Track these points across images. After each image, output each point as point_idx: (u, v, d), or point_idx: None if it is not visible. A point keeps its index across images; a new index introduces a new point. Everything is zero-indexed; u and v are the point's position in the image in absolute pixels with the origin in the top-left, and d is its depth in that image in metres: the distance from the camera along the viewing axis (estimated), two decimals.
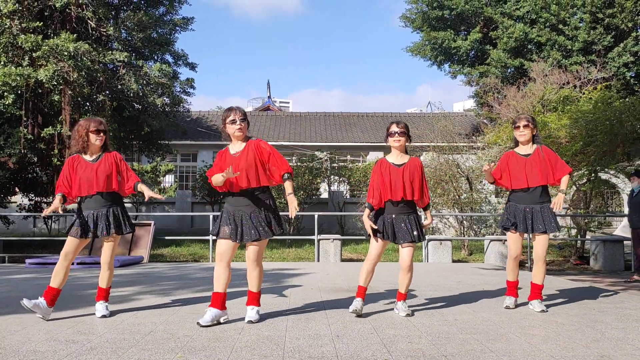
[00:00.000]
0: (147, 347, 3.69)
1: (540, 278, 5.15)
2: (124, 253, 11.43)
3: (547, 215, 5.03)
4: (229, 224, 4.40)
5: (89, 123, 4.75)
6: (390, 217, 4.78)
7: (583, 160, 11.66)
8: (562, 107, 14.98)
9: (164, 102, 14.20)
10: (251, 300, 4.51)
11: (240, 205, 4.43)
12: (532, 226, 5.04)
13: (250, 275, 4.47)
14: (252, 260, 4.43)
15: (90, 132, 4.72)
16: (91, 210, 4.71)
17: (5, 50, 12.02)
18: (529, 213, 5.07)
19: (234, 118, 4.44)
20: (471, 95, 24.88)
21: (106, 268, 4.78)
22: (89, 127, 4.72)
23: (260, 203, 4.45)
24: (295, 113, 27.39)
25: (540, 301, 5.17)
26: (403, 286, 4.86)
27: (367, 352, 3.59)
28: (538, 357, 3.47)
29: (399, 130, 4.82)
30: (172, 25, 15.16)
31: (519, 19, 21.60)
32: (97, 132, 4.73)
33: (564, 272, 11.05)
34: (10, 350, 3.62)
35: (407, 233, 4.72)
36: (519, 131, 5.21)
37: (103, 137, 4.78)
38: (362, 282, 4.84)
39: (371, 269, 4.82)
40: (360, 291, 4.85)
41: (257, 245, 4.42)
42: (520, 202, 5.15)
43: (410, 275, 4.80)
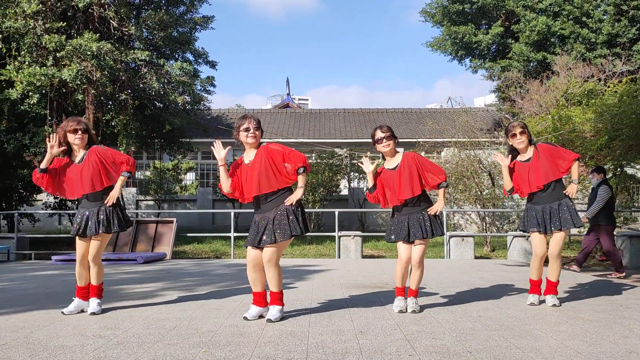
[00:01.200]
0: (172, 342, 3.73)
1: (555, 275, 5.19)
2: (147, 250, 11.56)
3: (564, 212, 5.04)
4: (252, 231, 4.45)
5: (67, 123, 4.70)
6: (406, 218, 4.78)
7: (608, 155, 11.47)
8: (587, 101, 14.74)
9: (184, 100, 14.30)
10: (273, 300, 4.51)
11: (264, 212, 4.44)
12: (551, 224, 5.05)
13: (267, 276, 4.47)
14: (267, 261, 4.39)
15: (68, 132, 4.66)
16: (85, 210, 4.74)
17: (30, 50, 12.21)
18: (547, 212, 5.08)
19: (248, 126, 4.42)
20: (492, 90, 24.64)
21: (93, 265, 4.79)
22: (67, 127, 4.66)
23: (282, 205, 4.41)
24: (315, 110, 27.39)
25: (554, 296, 5.19)
26: (414, 283, 4.85)
27: (390, 347, 3.58)
28: (565, 353, 3.43)
29: (385, 134, 4.78)
30: (192, 24, 15.24)
31: (541, 12, 21.29)
32: (75, 132, 4.65)
33: (589, 268, 10.88)
34: (38, 345, 3.68)
35: (419, 230, 4.71)
36: (516, 139, 5.20)
37: (82, 137, 4.69)
38: (399, 284, 4.86)
39: (405, 271, 4.83)
40: (399, 291, 4.88)
41: (273, 247, 4.36)
42: (537, 203, 5.17)
43: (421, 271, 4.80)
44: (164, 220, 12.14)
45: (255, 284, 4.50)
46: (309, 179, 15.60)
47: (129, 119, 13.31)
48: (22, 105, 12.30)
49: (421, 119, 24.38)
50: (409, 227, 4.75)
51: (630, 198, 15.57)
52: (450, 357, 3.36)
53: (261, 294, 4.51)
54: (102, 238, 4.77)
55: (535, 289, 5.26)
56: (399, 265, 4.81)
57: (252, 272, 4.47)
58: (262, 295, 4.51)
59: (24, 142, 12.73)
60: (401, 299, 4.85)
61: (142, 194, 21.14)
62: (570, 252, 13.28)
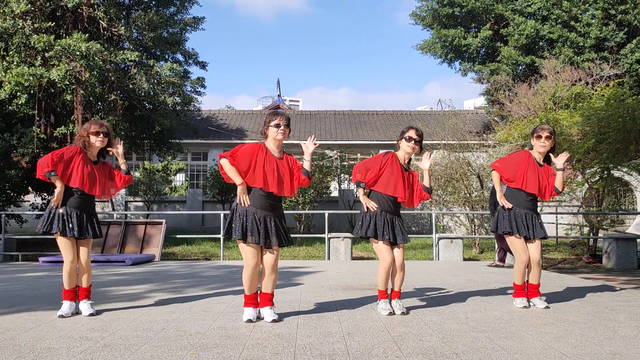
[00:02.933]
0: (160, 344, 3.72)
1: (537, 278, 5.29)
2: (136, 251, 11.51)
3: (540, 222, 5.28)
4: (255, 227, 4.37)
5: (90, 125, 4.83)
6: (390, 219, 4.79)
7: (595, 158, 11.58)
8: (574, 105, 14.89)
9: (174, 101, 14.27)
10: (267, 301, 4.52)
11: (267, 210, 4.44)
12: (534, 231, 5.18)
13: (269, 279, 4.49)
14: (273, 266, 4.46)
15: (90, 133, 4.77)
16: (75, 210, 4.68)
17: (18, 50, 12.14)
18: (530, 219, 5.20)
19: (279, 122, 4.50)
20: (482, 93, 24.77)
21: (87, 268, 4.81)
22: (90, 129, 4.79)
23: (281, 212, 4.60)
24: (305, 111, 27.41)
25: (541, 298, 5.30)
26: (398, 284, 4.88)
27: (378, 349, 3.60)
28: (550, 355, 3.46)
29: (417, 138, 4.85)
30: (182, 24, 15.22)
31: (530, 16, 21.46)
32: (97, 134, 4.77)
33: (576, 270, 10.97)
34: (25, 347, 3.66)
35: (402, 234, 4.79)
36: (540, 141, 5.23)
37: (104, 140, 4.80)
38: (383, 287, 4.85)
39: (389, 272, 4.82)
40: (383, 294, 4.87)
41: (277, 251, 4.49)
42: (523, 207, 5.24)
43: (404, 273, 4.88)
44: (153, 222, 12.10)
45: (252, 286, 4.48)
46: None
47: (119, 120, 13.25)
48: (10, 105, 12.22)
49: (411, 121, 24.47)
50: (394, 229, 4.77)
51: (617, 201, 15.74)
52: (436, 358, 3.38)
53: (255, 295, 4.53)
54: (89, 242, 4.85)
55: (522, 292, 5.30)
56: (383, 268, 4.76)
57: (254, 273, 4.43)
58: (256, 296, 4.54)
59: (11, 142, 12.63)
60: (387, 302, 4.85)
61: (131, 195, 21.04)
62: (558, 254, 13.39)
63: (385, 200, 4.79)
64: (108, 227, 11.98)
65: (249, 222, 4.37)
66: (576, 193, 13.46)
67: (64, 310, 4.71)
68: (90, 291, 4.90)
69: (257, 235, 4.35)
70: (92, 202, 4.89)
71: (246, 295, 4.51)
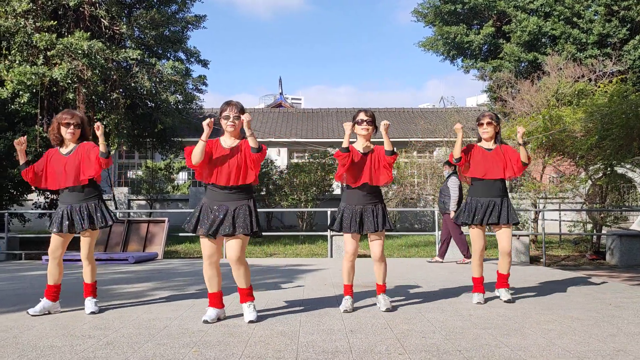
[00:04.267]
0: (162, 342, 3.72)
1: (506, 268, 5.30)
2: (139, 249, 11.52)
3: (508, 208, 5.20)
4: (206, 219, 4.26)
5: (61, 115, 4.67)
6: (359, 209, 4.74)
7: (599, 154, 11.55)
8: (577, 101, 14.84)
9: (176, 100, 14.27)
10: (244, 297, 4.41)
11: (223, 201, 4.29)
12: (498, 218, 5.14)
13: (236, 274, 4.31)
14: (236, 260, 4.25)
15: (61, 124, 4.65)
16: (66, 205, 4.66)
17: (20, 49, 12.15)
18: (491, 206, 5.18)
19: (228, 114, 4.35)
20: (484, 90, 24.73)
21: (87, 263, 4.77)
22: (61, 120, 4.65)
23: (242, 202, 4.31)
24: (308, 109, 27.39)
25: (507, 290, 5.33)
26: (380, 278, 4.84)
27: (381, 346, 3.59)
28: (553, 351, 3.45)
29: (368, 118, 4.78)
30: (184, 23, 15.21)
31: (532, 12, 21.39)
32: (67, 125, 4.63)
33: (579, 267, 10.95)
34: (28, 346, 3.66)
35: (373, 223, 4.69)
36: (482, 128, 5.35)
37: (74, 131, 4.66)
38: (347, 281, 4.84)
39: (352, 266, 4.80)
40: (347, 289, 4.85)
41: (237, 244, 4.24)
42: (481, 196, 5.25)
43: (384, 265, 4.81)
44: (155, 220, 12.10)
45: (212, 284, 4.35)
46: (302, 178, 15.59)
47: (121, 118, 13.27)
48: (13, 104, 12.24)
49: (413, 118, 24.43)
50: (363, 218, 4.71)
51: (620, 197, 15.69)
52: (440, 355, 3.37)
53: (218, 295, 4.39)
54: (90, 234, 4.74)
55: (479, 287, 5.28)
56: (346, 260, 4.75)
57: (210, 269, 4.31)
58: (219, 295, 4.40)
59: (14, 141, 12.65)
60: (349, 299, 4.81)
61: (133, 193, 21.06)
62: (561, 251, 13.36)
63: (354, 193, 4.77)
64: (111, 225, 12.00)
65: (201, 214, 4.29)
66: (579, 190, 13.43)
67: (35, 308, 4.66)
68: (95, 287, 4.88)
69: (208, 226, 4.22)
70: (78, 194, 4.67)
71: (208, 293, 4.42)
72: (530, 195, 13.74)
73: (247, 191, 4.38)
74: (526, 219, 13.93)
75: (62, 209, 4.66)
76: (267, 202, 16.90)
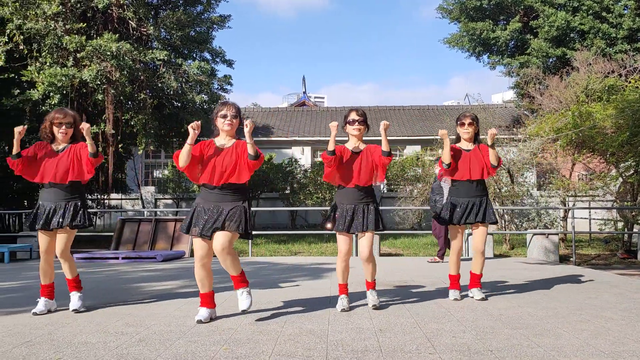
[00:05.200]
0: (193, 339, 3.76)
1: (479, 268, 5.36)
2: (166, 248, 11.66)
3: (487, 207, 5.26)
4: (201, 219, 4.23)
5: (54, 114, 4.66)
6: (351, 208, 4.69)
7: (630, 151, 11.31)
8: (607, 97, 14.55)
9: (202, 99, 14.40)
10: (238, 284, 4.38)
11: (218, 201, 4.25)
12: (475, 217, 5.20)
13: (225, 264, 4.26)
14: (221, 250, 4.17)
15: (53, 124, 4.64)
16: (50, 203, 4.63)
17: (51, 51, 12.38)
18: (470, 206, 5.23)
19: (226, 113, 4.34)
20: (511, 87, 24.40)
21: (63, 261, 4.77)
22: (53, 119, 4.64)
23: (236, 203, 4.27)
24: (331, 108, 27.37)
25: (480, 289, 5.37)
26: (369, 275, 4.81)
27: (410, 346, 3.57)
28: (588, 352, 3.39)
29: (359, 118, 4.78)
30: (209, 23, 15.33)
31: (560, 7, 21.03)
32: (60, 125, 4.62)
33: (610, 266, 10.74)
34: (62, 342, 3.74)
35: (362, 222, 4.65)
36: (463, 128, 5.36)
37: (66, 131, 4.65)
38: (342, 281, 4.82)
39: (346, 266, 4.77)
40: (342, 288, 4.84)
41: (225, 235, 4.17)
42: (461, 196, 5.30)
43: (373, 264, 4.76)
44: (182, 219, 12.23)
45: (204, 285, 4.34)
46: None
47: (148, 118, 13.43)
48: (44, 105, 12.48)
49: (438, 116, 24.24)
50: (353, 217, 4.67)
51: None
52: (470, 355, 3.34)
53: (211, 295, 4.40)
54: (68, 233, 4.68)
55: (456, 285, 5.40)
56: (340, 260, 4.73)
57: (202, 270, 4.29)
58: (211, 295, 4.41)
59: None
60: (345, 297, 4.80)
61: (160, 192, 21.32)
62: (591, 250, 13.12)
63: (345, 192, 4.74)
64: (139, 224, 12.17)
65: (195, 216, 4.28)
66: (610, 187, 13.17)
67: (38, 307, 4.71)
68: (78, 281, 4.89)
69: (201, 226, 4.19)
70: (67, 191, 4.66)
71: (200, 293, 4.42)
72: (559, 193, 13.52)
73: (242, 192, 4.34)
74: (555, 217, 13.71)
75: (47, 206, 4.63)
76: (292, 200, 16.93)
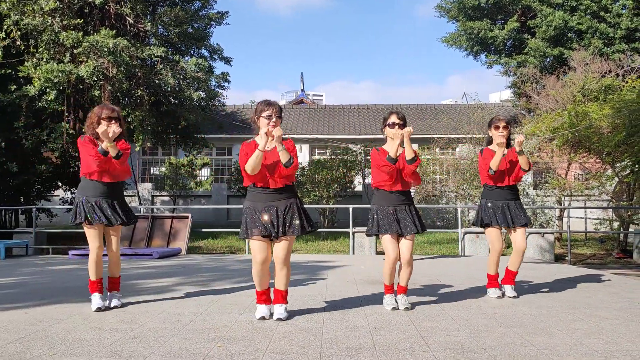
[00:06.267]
0: (188, 337, 3.76)
1: (517, 266, 5.44)
2: (163, 245, 11.65)
3: (522, 210, 5.41)
4: (259, 222, 4.20)
5: (101, 110, 4.68)
6: (394, 210, 4.68)
7: (626, 151, 11.34)
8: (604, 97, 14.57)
9: (200, 96, 14.37)
10: (280, 299, 4.38)
11: (270, 201, 4.24)
12: (513, 220, 5.32)
13: (280, 274, 4.30)
14: (283, 260, 4.24)
15: (101, 118, 4.64)
16: (100, 199, 4.64)
17: (48, 47, 12.35)
18: (506, 209, 5.36)
19: (270, 114, 4.29)
20: (508, 86, 24.41)
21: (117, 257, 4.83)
22: (101, 115, 4.65)
23: (290, 200, 4.30)
24: (329, 106, 27.34)
25: (513, 287, 5.45)
26: (404, 279, 4.78)
27: (405, 344, 3.58)
28: (581, 351, 3.40)
29: (400, 122, 4.72)
30: (207, 19, 15.29)
31: (558, 7, 21.04)
32: (109, 120, 4.63)
33: (606, 265, 10.77)
34: (57, 338, 3.74)
35: (412, 224, 4.64)
36: (498, 131, 5.43)
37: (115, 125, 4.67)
38: (388, 282, 4.82)
39: (394, 269, 4.74)
40: (388, 289, 4.84)
41: (287, 245, 4.24)
42: (497, 199, 5.40)
43: (411, 268, 4.74)
44: (179, 216, 12.23)
45: (262, 283, 4.32)
46: (324, 174, 15.60)
47: (145, 115, 13.41)
48: (40, 101, 12.45)
49: (436, 114, 24.25)
50: (399, 220, 4.65)
51: None
52: (464, 353, 3.35)
53: (268, 292, 4.40)
54: (119, 230, 4.81)
55: (495, 283, 5.50)
56: (387, 264, 4.68)
57: (262, 269, 4.25)
58: (268, 292, 4.41)
59: (41, 138, 12.88)
60: (391, 296, 4.82)
61: (157, 189, 21.30)
62: (587, 249, 13.15)
63: (386, 194, 4.72)
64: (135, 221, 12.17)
65: (250, 218, 4.23)
66: (606, 187, 13.20)
67: (98, 303, 4.69)
68: (119, 283, 4.95)
69: (262, 227, 4.17)
70: (117, 188, 4.77)
71: (257, 292, 4.39)
72: (555, 192, 13.54)
73: (292, 188, 4.37)
74: (551, 217, 13.74)
75: (93, 200, 4.64)
76: None
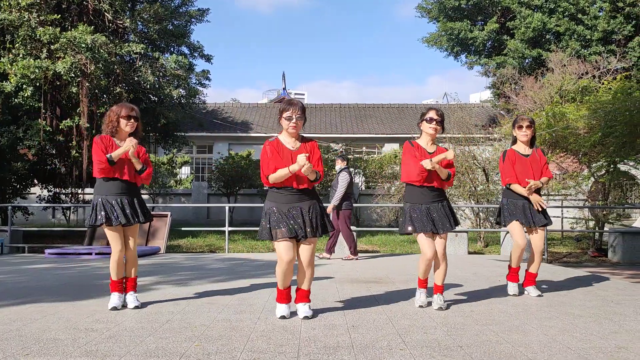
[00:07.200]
0: (164, 336, 3.74)
1: (537, 267, 5.47)
2: (142, 244, 11.55)
3: (543, 211, 5.41)
4: (284, 221, 4.17)
5: (120, 109, 4.68)
6: (427, 208, 4.66)
7: (602, 152, 11.53)
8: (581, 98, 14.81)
9: (180, 94, 14.27)
10: (304, 298, 4.40)
11: (294, 202, 4.22)
12: (533, 220, 5.34)
13: (307, 274, 4.33)
14: (309, 262, 4.28)
15: (121, 117, 4.65)
16: (118, 198, 4.61)
17: (24, 43, 12.14)
18: (528, 208, 5.38)
19: (291, 115, 4.21)
20: (488, 86, 24.67)
21: (135, 256, 4.83)
22: (120, 113, 4.66)
23: (313, 201, 4.30)
24: (311, 105, 27.36)
25: (536, 287, 5.48)
26: (440, 278, 4.77)
27: (382, 342, 3.60)
28: (555, 348, 3.46)
29: (438, 118, 4.73)
30: (187, 17, 15.20)
31: (537, 9, 21.32)
32: (128, 118, 4.65)
33: (581, 264, 10.95)
34: (31, 338, 3.68)
35: (447, 222, 4.66)
36: (521, 131, 5.46)
37: (134, 124, 4.70)
38: (422, 277, 4.81)
39: (429, 265, 4.71)
40: (422, 283, 4.83)
41: (312, 245, 4.28)
42: (519, 198, 5.42)
43: (446, 264, 4.78)
44: (158, 214, 12.13)
45: (286, 281, 4.30)
46: None
47: None
48: (16, 98, 12.24)
49: (416, 114, 24.40)
50: (433, 218, 4.63)
51: (623, 195, 15.65)
52: (441, 351, 3.38)
53: (289, 291, 4.38)
54: (136, 229, 4.81)
55: (515, 277, 5.49)
56: (423, 262, 4.65)
57: (288, 268, 4.21)
58: (289, 291, 4.38)
59: (17, 135, 12.67)
60: (422, 292, 4.81)
61: None
62: (563, 248, 13.35)
63: (419, 191, 4.68)
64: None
65: (274, 218, 4.18)
66: (582, 187, 13.40)
67: (115, 302, 4.64)
68: (136, 282, 4.89)
69: (288, 227, 4.14)
70: (134, 188, 4.78)
71: (279, 290, 4.34)
72: None
73: (314, 190, 4.39)
74: None
75: (113, 200, 4.59)
76: None
